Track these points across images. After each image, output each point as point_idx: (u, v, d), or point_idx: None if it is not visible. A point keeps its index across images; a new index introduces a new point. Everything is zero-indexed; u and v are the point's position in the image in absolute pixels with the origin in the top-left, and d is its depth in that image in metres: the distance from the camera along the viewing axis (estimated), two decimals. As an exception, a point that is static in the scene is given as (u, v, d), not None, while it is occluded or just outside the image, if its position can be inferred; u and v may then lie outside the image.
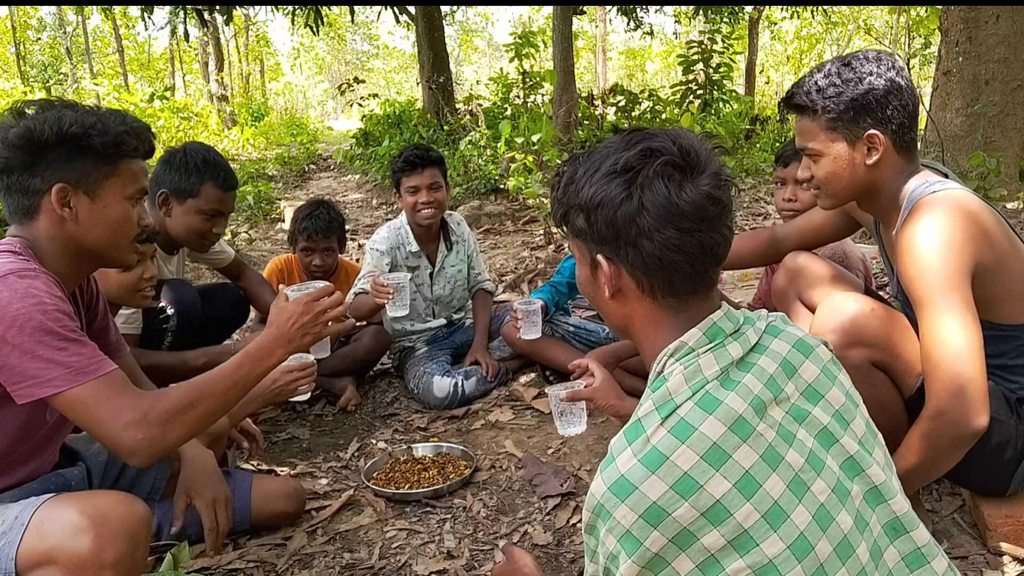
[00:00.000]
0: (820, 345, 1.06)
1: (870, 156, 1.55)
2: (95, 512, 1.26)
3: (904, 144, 1.55)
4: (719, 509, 0.87)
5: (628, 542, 0.89)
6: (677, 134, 0.99)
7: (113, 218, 1.45)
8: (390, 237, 3.00)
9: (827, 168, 1.59)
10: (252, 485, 1.96)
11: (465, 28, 38.74)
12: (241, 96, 21.85)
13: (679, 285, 0.99)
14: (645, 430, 0.92)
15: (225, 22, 11.37)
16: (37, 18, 24.78)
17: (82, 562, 1.21)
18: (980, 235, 1.45)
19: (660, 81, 29.56)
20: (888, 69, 1.51)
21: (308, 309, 1.50)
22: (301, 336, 1.49)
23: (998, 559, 1.67)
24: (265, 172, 10.05)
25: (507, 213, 6.36)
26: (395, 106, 11.05)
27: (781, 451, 0.92)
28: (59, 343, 1.28)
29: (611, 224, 0.97)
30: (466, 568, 1.81)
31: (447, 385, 2.77)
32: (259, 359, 1.46)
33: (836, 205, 1.69)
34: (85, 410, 1.29)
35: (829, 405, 1.01)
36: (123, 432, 1.28)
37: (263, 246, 6.07)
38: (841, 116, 1.52)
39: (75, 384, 1.28)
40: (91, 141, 1.39)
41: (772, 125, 9.74)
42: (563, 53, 8.68)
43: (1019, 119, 5.31)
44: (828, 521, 0.92)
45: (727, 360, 0.96)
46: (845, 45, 26.27)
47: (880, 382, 1.54)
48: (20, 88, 14.77)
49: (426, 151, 2.94)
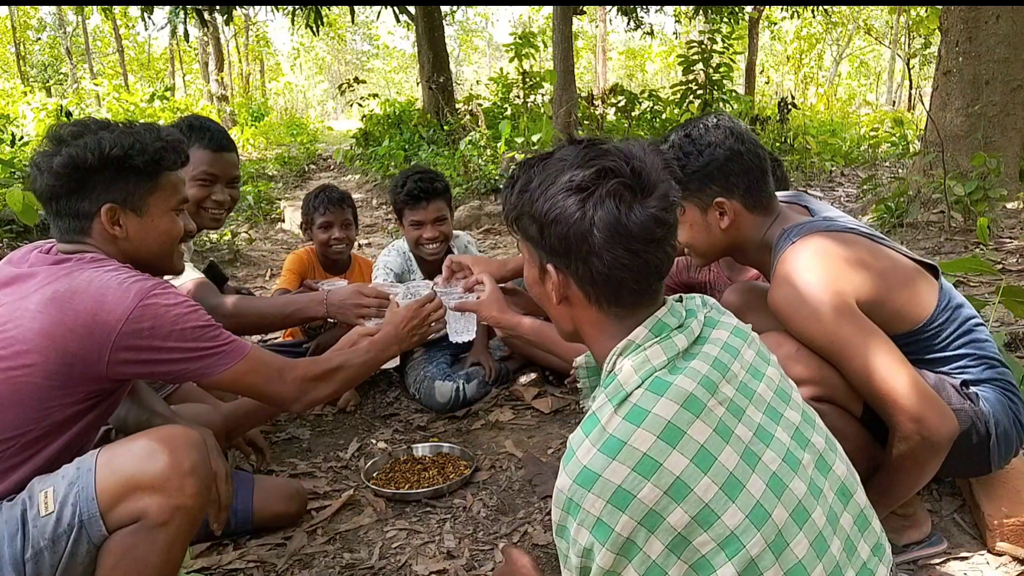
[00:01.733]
0: (750, 330, 1.13)
1: (723, 220, 1.61)
2: (158, 436, 1.35)
3: (755, 203, 1.61)
4: (680, 485, 0.90)
5: (600, 530, 0.91)
6: (630, 153, 1.02)
7: (161, 230, 1.54)
8: (399, 262, 2.93)
9: (687, 233, 1.66)
10: (254, 486, 1.96)
11: (465, 28, 38.75)
12: (241, 96, 21.85)
13: (625, 298, 1.04)
14: (600, 420, 0.95)
15: (225, 22, 11.38)
16: (37, 18, 24.79)
17: (165, 476, 1.29)
18: (848, 268, 1.48)
19: (660, 81, 29.57)
20: (727, 137, 1.57)
21: (417, 314, 1.88)
22: (410, 337, 1.88)
23: (998, 559, 1.67)
24: (265, 172, 10.05)
25: (507, 213, 6.35)
26: (395, 106, 11.06)
27: (731, 425, 0.97)
28: (215, 332, 1.47)
29: (564, 240, 1.02)
30: (466, 568, 1.81)
31: (448, 390, 2.75)
32: (381, 350, 1.82)
33: (708, 263, 1.77)
34: (249, 378, 1.51)
35: (771, 381, 1.07)
36: (285, 388, 1.58)
37: (263, 246, 6.07)
38: (688, 186, 1.58)
39: (239, 359, 1.49)
40: (132, 161, 1.46)
41: (772, 125, 9.74)
42: (563, 53, 8.68)
43: (1019, 119, 5.31)
44: (782, 489, 0.95)
45: (674, 351, 1.00)
46: (845, 45, 26.28)
47: (829, 413, 1.50)
48: (20, 88, 14.77)
49: (431, 181, 2.76)
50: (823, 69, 27.55)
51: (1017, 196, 5.18)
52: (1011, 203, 5.11)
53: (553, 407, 2.71)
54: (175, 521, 1.30)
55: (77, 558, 1.29)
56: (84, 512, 1.27)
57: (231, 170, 2.34)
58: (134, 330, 1.35)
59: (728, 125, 1.59)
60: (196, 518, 1.35)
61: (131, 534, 1.29)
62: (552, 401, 2.75)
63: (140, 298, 1.36)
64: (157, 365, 1.40)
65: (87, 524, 1.27)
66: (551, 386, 2.91)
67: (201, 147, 2.25)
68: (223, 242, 5.66)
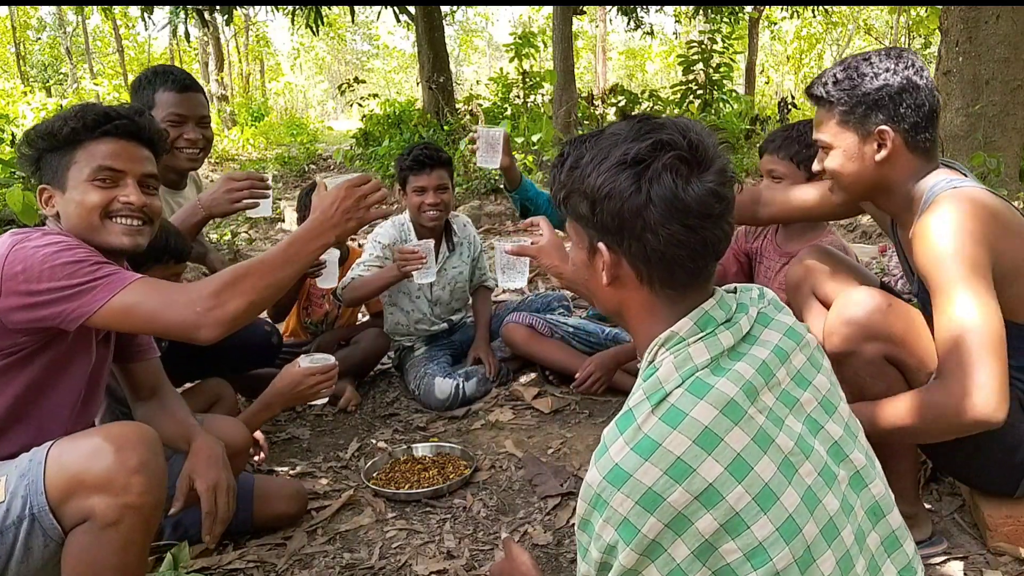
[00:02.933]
0: (808, 334, 1.07)
1: (879, 152, 1.53)
2: (107, 433, 1.31)
3: (917, 143, 1.54)
4: (712, 492, 0.88)
5: (626, 530, 0.89)
6: (686, 126, 0.98)
7: (76, 202, 1.47)
8: (392, 232, 2.97)
9: (836, 161, 1.58)
10: (254, 486, 1.96)
11: (465, 28, 38.73)
12: (241, 96, 21.84)
13: (679, 278, 0.99)
14: (636, 419, 0.92)
15: (225, 22, 11.38)
16: (37, 18, 24.78)
17: (110, 475, 1.26)
18: (1000, 231, 1.44)
19: (660, 81, 29.55)
20: (907, 68, 1.50)
21: (350, 194, 1.54)
22: (345, 220, 1.53)
23: (998, 559, 1.67)
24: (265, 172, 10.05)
25: (507, 213, 6.37)
26: (395, 106, 11.05)
27: (772, 434, 0.93)
28: (91, 267, 1.35)
29: (617, 216, 0.97)
30: (466, 568, 1.81)
31: (448, 387, 2.77)
32: (308, 240, 1.49)
33: (848, 200, 1.69)
34: (137, 310, 1.34)
35: (817, 391, 1.02)
36: (181, 311, 1.34)
37: (263, 246, 6.07)
38: (853, 110, 1.52)
39: (119, 288, 1.33)
40: (51, 139, 1.47)
41: (772, 125, 9.74)
42: (563, 53, 8.69)
43: (1019, 119, 5.31)
44: (815, 504, 0.93)
45: (718, 349, 0.96)
46: (845, 45, 26.27)
47: (893, 377, 1.54)
48: (20, 88, 14.77)
49: (436, 151, 2.87)
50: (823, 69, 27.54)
51: (1017, 196, 5.18)
52: (1012, 203, 5.11)
53: (553, 407, 2.71)
54: (125, 521, 1.27)
55: (34, 551, 1.29)
56: (34, 505, 1.27)
57: (199, 109, 2.37)
58: (9, 275, 1.33)
59: (911, 57, 1.52)
60: (150, 517, 1.31)
61: (84, 534, 1.28)
62: (552, 401, 2.75)
63: (12, 245, 1.35)
64: (38, 309, 1.34)
65: (39, 517, 1.27)
66: (551, 386, 2.91)
67: (166, 89, 2.29)
68: (223, 242, 5.66)
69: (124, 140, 1.51)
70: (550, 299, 3.23)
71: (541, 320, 2.92)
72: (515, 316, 2.96)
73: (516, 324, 2.92)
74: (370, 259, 2.90)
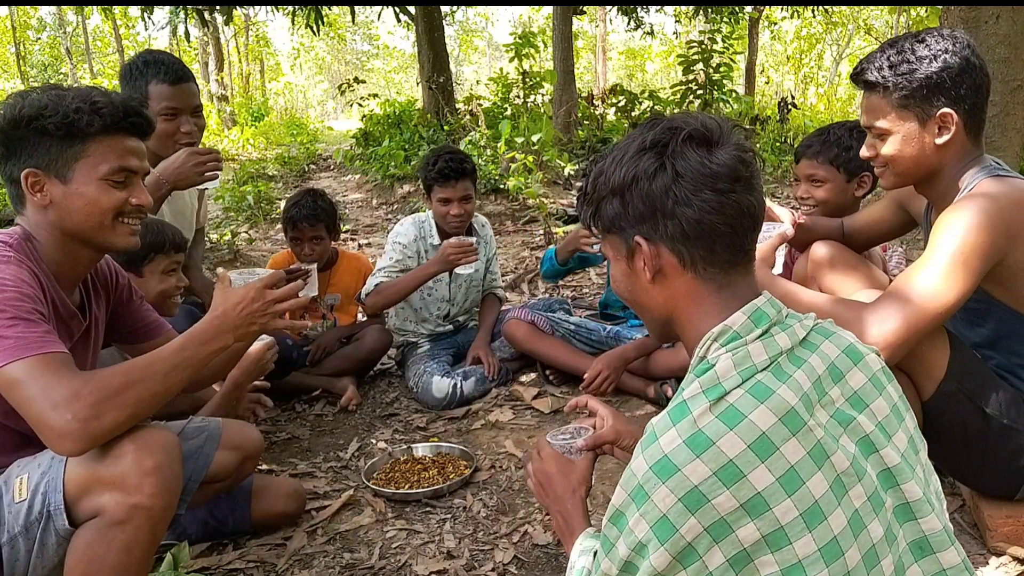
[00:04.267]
0: (871, 354, 1.04)
1: (940, 136, 1.52)
2: (131, 434, 1.29)
3: (974, 125, 1.53)
4: (758, 501, 0.85)
5: (662, 528, 0.86)
6: (696, 115, 1.01)
7: (88, 199, 1.39)
8: (413, 229, 3.02)
9: (895, 146, 1.56)
10: (252, 485, 1.96)
11: (465, 28, 38.71)
12: (241, 96, 21.83)
13: (720, 253, 0.98)
14: (691, 411, 0.89)
15: (225, 22, 11.37)
16: (37, 18, 24.77)
17: (124, 474, 1.26)
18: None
19: (660, 81, 29.54)
20: (963, 48, 1.49)
21: (260, 296, 1.42)
22: (248, 324, 1.41)
23: (998, 559, 1.67)
24: (265, 172, 10.03)
25: (507, 213, 6.36)
26: (395, 106, 11.03)
27: (828, 451, 0.90)
28: (9, 321, 1.24)
29: (647, 198, 0.98)
30: (466, 568, 1.81)
31: (446, 386, 2.78)
32: (203, 343, 1.37)
33: (899, 184, 1.66)
34: (19, 388, 1.22)
35: (873, 415, 0.99)
36: (53, 412, 1.20)
37: (263, 246, 6.06)
38: (914, 94, 1.50)
39: (13, 359, 1.22)
40: (45, 122, 1.35)
41: (772, 125, 9.74)
42: (563, 53, 8.68)
43: (1019, 119, 5.30)
44: (860, 529, 0.90)
45: (776, 350, 0.94)
46: (845, 45, 26.27)
47: (900, 384, 1.53)
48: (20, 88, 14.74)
49: (460, 163, 2.87)
50: (823, 69, 27.53)
51: (1017, 196, 5.18)
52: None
53: (553, 407, 2.71)
54: (133, 521, 1.26)
55: (48, 548, 1.30)
56: (51, 503, 1.28)
57: (192, 100, 2.35)
58: None
59: (965, 37, 1.51)
60: (157, 521, 1.30)
61: (90, 529, 1.28)
62: (552, 401, 2.75)
63: None
64: None
65: (53, 515, 1.28)
66: (551, 386, 2.91)
67: (159, 82, 2.27)
68: (223, 242, 5.66)
69: (136, 138, 1.46)
70: (551, 302, 3.24)
71: (543, 317, 2.92)
72: (517, 313, 2.97)
73: (518, 321, 2.93)
74: (390, 264, 2.93)
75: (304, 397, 2.95)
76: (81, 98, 1.38)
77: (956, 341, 1.56)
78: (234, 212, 7.00)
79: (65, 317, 1.46)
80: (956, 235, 1.41)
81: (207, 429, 1.69)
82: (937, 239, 1.43)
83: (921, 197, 1.74)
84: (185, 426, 1.67)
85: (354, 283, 3.17)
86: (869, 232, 2.00)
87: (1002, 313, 1.55)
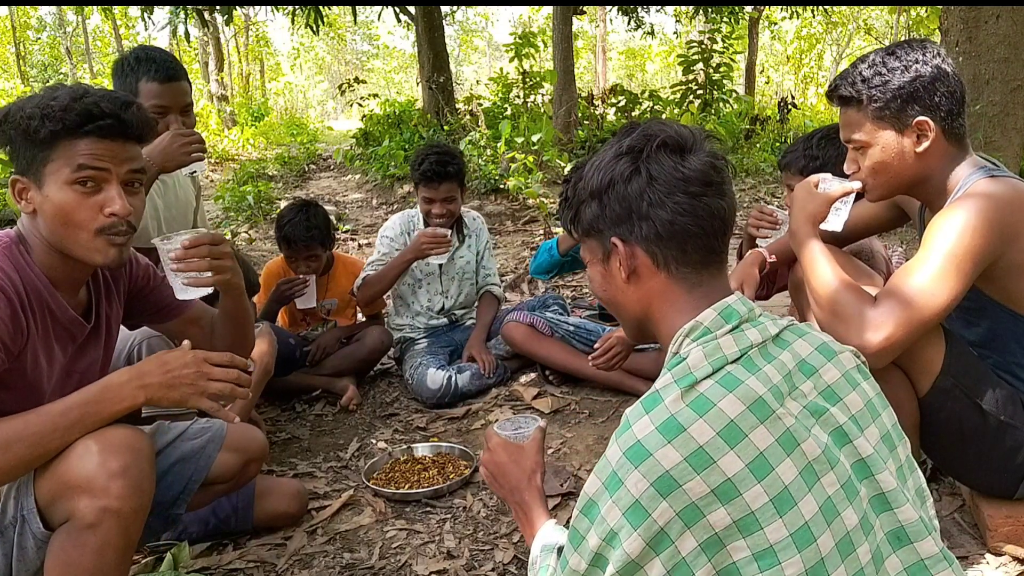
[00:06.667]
0: (845, 352, 1.06)
1: (919, 144, 1.53)
2: (97, 436, 1.27)
3: (953, 131, 1.54)
4: (729, 487, 0.87)
5: (635, 513, 0.88)
6: (672, 123, 1.05)
7: (55, 204, 1.31)
8: (401, 223, 3.09)
9: (875, 158, 1.57)
10: (256, 486, 1.96)
11: (465, 28, 38.71)
12: (241, 96, 21.82)
13: (691, 254, 1.02)
14: (663, 399, 0.92)
15: (225, 22, 11.37)
16: (37, 18, 24.78)
17: (91, 477, 1.24)
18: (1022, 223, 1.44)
19: (660, 81, 29.53)
20: (934, 56, 1.51)
21: (201, 366, 1.33)
22: (168, 388, 1.30)
23: (998, 559, 1.67)
24: (265, 172, 10.03)
25: (507, 213, 6.37)
26: (395, 106, 11.03)
27: (798, 438, 0.92)
28: None
29: (623, 200, 1.02)
30: (466, 568, 1.81)
31: (440, 378, 2.79)
32: (100, 402, 1.27)
33: (884, 197, 1.67)
34: None
35: (847, 408, 1.01)
36: None
37: (263, 246, 6.06)
38: (888, 105, 1.52)
39: None
40: (8, 130, 1.31)
41: (772, 125, 9.75)
42: (563, 53, 8.68)
43: (1019, 119, 5.30)
44: (834, 515, 0.92)
45: (746, 343, 0.97)
46: (845, 45, 26.27)
47: (896, 380, 1.54)
48: (20, 88, 14.77)
49: (444, 165, 2.87)
50: (823, 69, 27.53)
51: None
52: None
53: (553, 407, 2.71)
54: (104, 524, 1.24)
55: (27, 552, 1.30)
56: (23, 507, 1.28)
57: (182, 98, 2.30)
58: None
59: (935, 47, 1.53)
60: (129, 523, 1.27)
61: (63, 534, 1.27)
62: (552, 401, 2.75)
63: None
64: None
65: (28, 519, 1.28)
66: (551, 386, 2.91)
67: (149, 79, 2.23)
68: (223, 242, 5.65)
69: (109, 140, 1.34)
70: (546, 298, 3.25)
71: (541, 319, 2.92)
72: (515, 315, 2.96)
73: (516, 323, 2.92)
74: (379, 257, 3.01)
75: (304, 397, 2.96)
76: (50, 97, 1.32)
77: (952, 337, 1.56)
78: (234, 212, 7.01)
79: (64, 322, 1.43)
80: (951, 236, 1.42)
81: (210, 430, 1.69)
82: (932, 239, 1.44)
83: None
84: (188, 427, 1.67)
85: (350, 287, 3.18)
86: (861, 226, 2.00)
87: (997, 312, 1.56)
